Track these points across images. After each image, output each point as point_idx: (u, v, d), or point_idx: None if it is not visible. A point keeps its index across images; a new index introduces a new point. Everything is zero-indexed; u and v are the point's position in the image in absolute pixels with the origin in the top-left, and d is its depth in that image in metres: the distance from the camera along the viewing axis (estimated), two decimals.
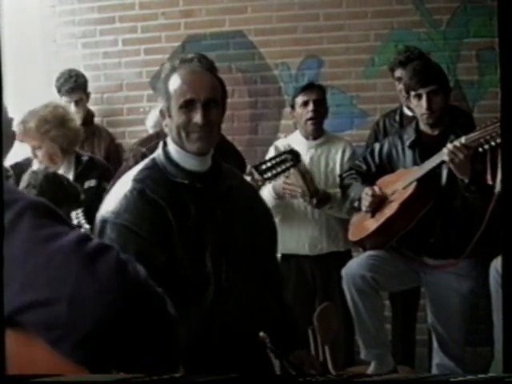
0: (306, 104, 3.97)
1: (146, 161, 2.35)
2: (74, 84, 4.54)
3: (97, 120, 4.83)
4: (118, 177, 3.00)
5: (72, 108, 4.49)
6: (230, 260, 2.27)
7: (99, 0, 5.06)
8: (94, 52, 5.02)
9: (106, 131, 4.82)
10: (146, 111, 4.85)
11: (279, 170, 3.37)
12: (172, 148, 2.31)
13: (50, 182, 3.25)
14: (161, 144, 2.36)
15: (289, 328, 2.59)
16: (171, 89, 2.25)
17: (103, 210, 2.21)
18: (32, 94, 4.63)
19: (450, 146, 3.30)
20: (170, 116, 2.28)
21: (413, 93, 3.50)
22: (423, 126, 3.56)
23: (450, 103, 3.63)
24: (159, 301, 1.14)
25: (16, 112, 1.41)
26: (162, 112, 2.32)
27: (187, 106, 2.24)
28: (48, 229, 1.13)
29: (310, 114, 3.97)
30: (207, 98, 2.25)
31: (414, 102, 3.52)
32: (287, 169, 3.41)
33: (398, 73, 4.16)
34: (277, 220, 4.15)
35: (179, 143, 2.28)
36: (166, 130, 2.33)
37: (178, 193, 2.23)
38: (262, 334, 2.48)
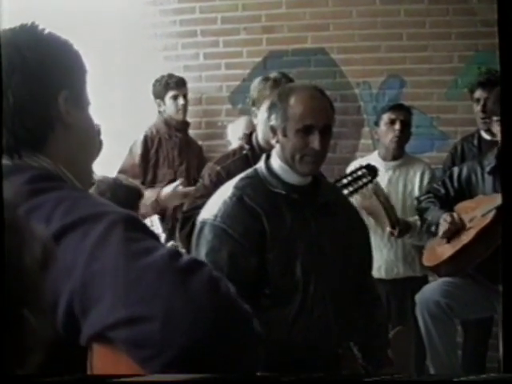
0: (392, 122, 3.92)
1: (249, 170, 2.48)
2: (180, 79, 4.61)
3: None
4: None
5: (181, 101, 4.55)
6: (320, 272, 2.35)
7: (181, 14, 5.11)
8: (175, 65, 5.06)
9: (196, 143, 4.83)
10: (223, 125, 4.87)
11: (356, 186, 3.32)
12: (275, 162, 2.41)
13: (118, 186, 3.30)
14: (263, 157, 2.47)
15: (379, 346, 2.58)
16: (290, 111, 2.34)
17: (204, 213, 2.38)
18: (113, 106, 4.70)
19: None
20: (284, 135, 2.35)
21: (495, 118, 3.44)
22: None
23: None
24: (248, 319, 1.13)
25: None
26: (273, 129, 2.40)
27: (305, 130, 2.32)
28: (139, 243, 1.11)
29: (396, 133, 3.91)
30: (325, 124, 2.35)
31: (495, 127, 3.46)
32: (365, 185, 3.35)
33: (478, 94, 4.09)
34: None
35: (290, 163, 2.37)
36: (276, 146, 2.41)
37: (276, 202, 2.36)
38: (354, 349, 2.43)
